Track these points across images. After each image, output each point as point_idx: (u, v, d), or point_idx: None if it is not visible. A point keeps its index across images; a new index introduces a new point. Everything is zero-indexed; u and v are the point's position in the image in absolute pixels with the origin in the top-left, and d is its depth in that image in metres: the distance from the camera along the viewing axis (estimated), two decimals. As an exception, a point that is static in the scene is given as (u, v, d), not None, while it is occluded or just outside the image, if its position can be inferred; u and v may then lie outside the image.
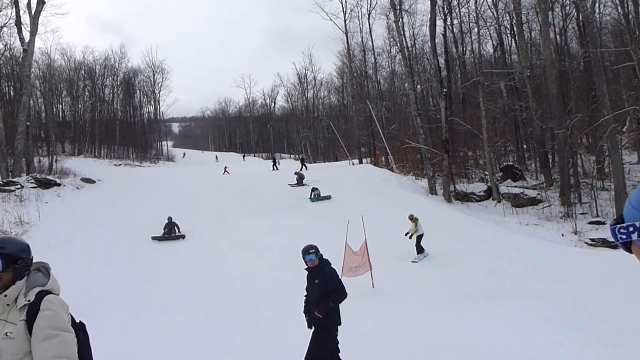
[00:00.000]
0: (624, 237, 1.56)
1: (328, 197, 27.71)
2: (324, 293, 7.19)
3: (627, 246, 1.58)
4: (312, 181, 31.57)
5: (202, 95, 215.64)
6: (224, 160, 74.70)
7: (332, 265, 7.61)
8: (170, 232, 22.68)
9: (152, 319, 13.07)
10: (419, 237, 19.49)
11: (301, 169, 40.03)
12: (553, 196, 29.39)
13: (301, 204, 26.95)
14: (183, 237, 22.55)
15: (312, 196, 27.81)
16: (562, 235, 24.50)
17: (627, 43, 29.61)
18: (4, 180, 29.16)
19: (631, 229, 1.52)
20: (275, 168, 47.33)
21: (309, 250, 7.46)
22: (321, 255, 7.53)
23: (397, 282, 16.43)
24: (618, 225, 1.57)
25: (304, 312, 7.72)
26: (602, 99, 26.90)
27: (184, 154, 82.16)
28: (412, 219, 19.87)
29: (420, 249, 19.39)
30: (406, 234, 19.59)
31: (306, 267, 7.58)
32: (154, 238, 22.29)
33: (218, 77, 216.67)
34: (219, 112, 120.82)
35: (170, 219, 23.04)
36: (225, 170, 48.65)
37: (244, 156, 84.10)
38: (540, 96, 35.30)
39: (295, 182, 32.46)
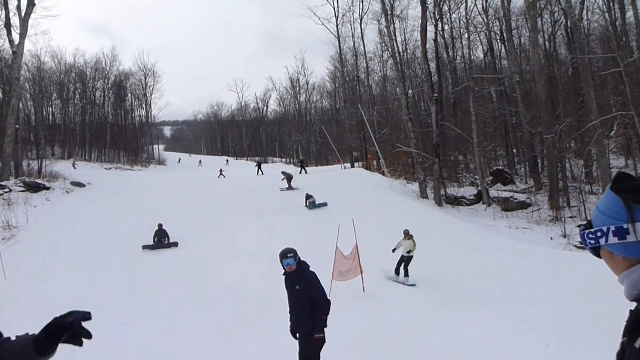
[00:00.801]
0: (592, 242, 1.61)
1: (324, 205, 27.03)
2: (306, 300, 6.94)
3: (596, 251, 1.63)
4: (303, 185, 31.58)
5: (194, 98, 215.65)
6: (209, 163, 74.51)
7: (311, 268, 7.21)
8: (161, 240, 22.16)
9: (140, 325, 13.06)
10: (409, 259, 17.43)
11: (300, 173, 39.89)
12: (542, 200, 29.67)
13: (292, 208, 26.86)
14: (175, 244, 22.07)
15: (307, 204, 27.05)
16: (551, 238, 24.80)
17: (614, 49, 29.95)
18: (-8, 184, 29.05)
19: (599, 234, 1.57)
20: (259, 173, 45.83)
21: (287, 254, 7.09)
22: (299, 258, 7.16)
23: (387, 285, 16.64)
24: (587, 231, 1.62)
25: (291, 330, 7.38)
26: (589, 104, 27.18)
27: (179, 159, 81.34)
28: (407, 235, 17.78)
29: (407, 272, 17.35)
30: (393, 250, 17.94)
31: (284, 272, 7.22)
32: (144, 247, 21.70)
33: (210, 81, 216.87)
34: (211, 116, 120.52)
35: (160, 226, 22.46)
36: (220, 174, 48.59)
37: (227, 160, 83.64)
38: (530, 101, 35.65)
39: (286, 186, 32.07)
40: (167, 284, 17.38)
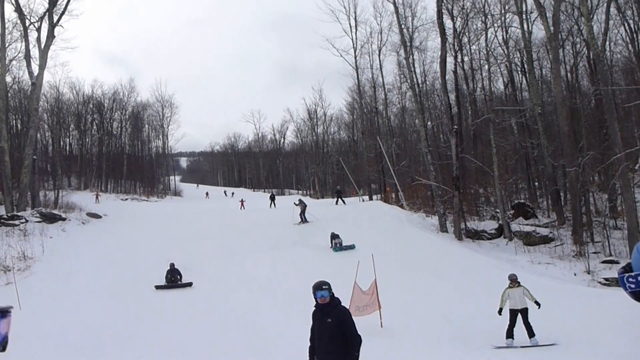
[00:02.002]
0: (632, 286, 1.50)
1: (352, 247, 24.94)
2: (338, 334, 6.71)
3: (637, 295, 1.53)
4: (322, 219, 31.18)
5: (211, 129, 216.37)
6: (216, 195, 74.39)
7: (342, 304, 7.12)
8: (173, 279, 21.29)
9: (156, 359, 12.77)
10: (525, 313, 13.97)
11: (337, 204, 39.15)
12: (565, 234, 28.96)
13: (306, 240, 26.58)
14: (190, 284, 21.08)
15: (334, 245, 25.38)
16: (575, 274, 24.03)
17: (638, 81, 29.52)
18: (9, 215, 29.08)
19: None
20: (272, 206, 44.93)
21: (322, 286, 6.91)
22: (332, 292, 6.98)
23: (406, 321, 16.06)
24: (627, 274, 1.52)
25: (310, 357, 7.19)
26: (613, 136, 26.62)
27: (207, 193, 79.99)
28: (515, 282, 14.50)
29: (530, 330, 13.68)
30: (500, 311, 14.33)
31: (316, 304, 7.00)
32: (157, 287, 20.87)
33: (227, 112, 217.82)
34: (228, 147, 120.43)
35: (172, 265, 21.64)
36: (241, 205, 47.82)
37: (225, 192, 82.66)
38: (552, 133, 35.10)
39: (299, 219, 31.48)
40: (181, 318, 17.04)
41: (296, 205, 32.50)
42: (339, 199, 40.05)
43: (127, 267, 22.52)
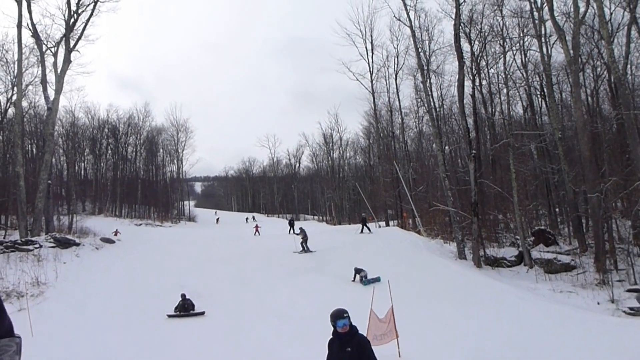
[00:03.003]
0: None
1: (377, 280, 22.94)
2: None
3: None
4: (338, 245, 30.76)
5: (225, 154, 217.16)
6: (233, 220, 73.92)
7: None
8: (186, 307, 20.69)
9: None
10: None
11: (362, 231, 37.83)
12: (587, 262, 28.27)
13: (323, 268, 26.20)
14: (202, 313, 20.51)
15: (360, 279, 23.96)
16: (598, 303, 23.34)
17: (661, 105, 28.99)
18: (23, 240, 28.97)
19: None
20: (292, 232, 43.02)
21: (343, 314, 6.68)
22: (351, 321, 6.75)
23: (424, 351, 15.54)
24: None
25: None
26: (636, 162, 26.15)
27: (217, 219, 78.32)
28: None
29: None
30: None
31: (334, 332, 6.78)
32: (170, 316, 20.35)
33: (242, 136, 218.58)
34: (242, 172, 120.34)
35: (184, 296, 20.94)
36: (256, 230, 47.15)
37: (246, 218, 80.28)
38: (573, 158, 34.52)
39: (300, 247, 30.79)
40: (194, 347, 16.68)
41: (297, 234, 32.16)
42: (364, 227, 38.01)
43: (141, 294, 22.25)
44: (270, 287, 23.12)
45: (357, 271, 24.40)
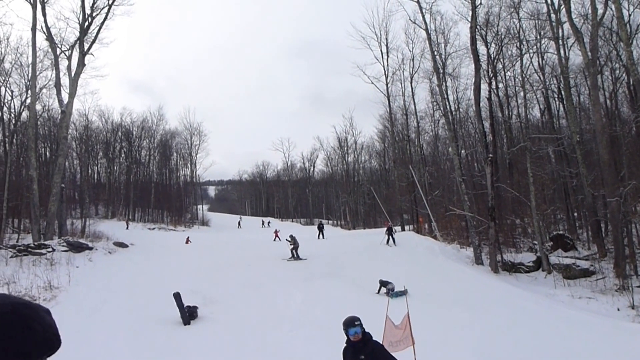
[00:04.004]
0: None
1: (404, 292, 20.75)
2: None
3: None
4: (350, 251, 30.43)
5: (239, 158, 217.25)
6: (250, 225, 73.58)
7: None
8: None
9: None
10: None
11: (388, 243, 33.95)
12: (607, 267, 27.84)
13: (338, 273, 25.95)
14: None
15: (386, 292, 21.89)
16: (618, 309, 22.94)
17: (681, 107, 28.49)
18: (36, 243, 28.88)
19: None
20: (321, 237, 42.39)
21: (354, 322, 6.56)
22: (364, 327, 6.64)
23: (441, 356, 15.18)
24: None
25: None
26: (657, 165, 25.68)
27: (239, 222, 77.79)
28: None
29: None
30: None
31: (347, 341, 6.67)
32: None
33: (255, 140, 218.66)
34: (256, 176, 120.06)
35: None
36: (276, 236, 45.61)
37: (262, 222, 79.85)
38: (591, 162, 34.04)
39: (290, 255, 29.97)
40: (208, 352, 16.35)
41: (288, 241, 31.19)
42: (390, 237, 33.92)
43: (154, 299, 21.93)
44: (283, 292, 22.85)
45: (383, 284, 22.72)
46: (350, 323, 6.58)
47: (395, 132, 53.88)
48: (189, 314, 19.91)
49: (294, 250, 30.20)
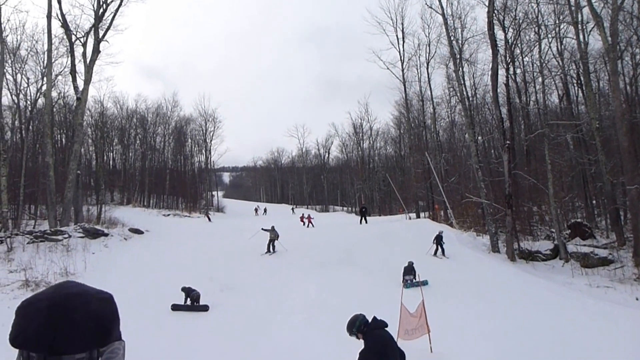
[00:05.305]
0: None
1: (425, 283, 20.41)
2: None
3: None
4: (367, 238, 30.22)
5: (252, 144, 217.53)
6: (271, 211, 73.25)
7: (377, 332, 6.54)
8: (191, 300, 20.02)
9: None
10: None
11: (436, 252, 28.40)
12: (626, 256, 27.46)
13: (352, 259, 25.83)
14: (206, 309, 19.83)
15: (404, 282, 21.47)
16: (637, 299, 22.62)
17: None
18: (52, 230, 29.09)
19: None
20: (363, 221, 41.60)
21: (351, 329, 6.72)
22: (363, 327, 6.62)
23: (457, 345, 15.10)
24: None
25: None
26: (679, 152, 25.25)
27: (265, 209, 77.26)
28: None
29: None
30: None
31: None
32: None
33: (270, 127, 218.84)
34: (271, 162, 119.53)
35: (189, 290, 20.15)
36: (309, 222, 43.95)
37: (265, 210, 78.19)
38: (611, 149, 33.49)
39: (266, 249, 28.21)
40: (221, 339, 16.37)
41: (265, 230, 29.30)
42: (440, 247, 28.14)
43: (169, 286, 21.92)
44: (297, 280, 22.80)
45: (407, 272, 22.29)
46: (347, 329, 6.73)
47: (411, 118, 53.47)
48: (192, 301, 19.97)
49: (271, 244, 28.35)
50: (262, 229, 29.95)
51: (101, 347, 1.51)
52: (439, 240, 28.24)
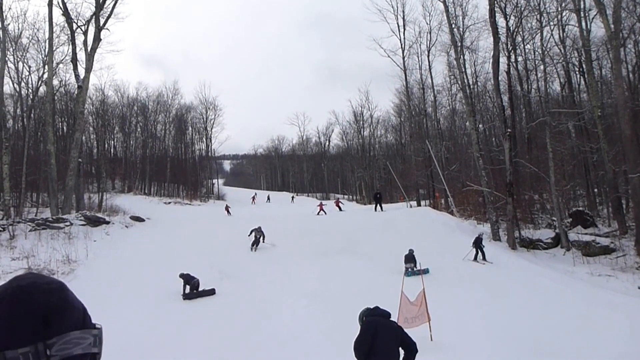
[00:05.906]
0: None
1: (426, 271, 19.91)
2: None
3: None
4: (366, 226, 30.24)
5: (254, 132, 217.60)
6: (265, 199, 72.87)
7: (368, 319, 6.93)
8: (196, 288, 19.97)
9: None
10: None
11: (476, 257, 25.45)
12: (628, 245, 27.46)
13: (353, 248, 25.87)
14: (212, 292, 19.98)
15: (405, 270, 20.94)
16: (639, 287, 22.63)
17: None
18: (54, 217, 29.19)
19: None
20: (378, 209, 40.02)
21: (360, 319, 7.08)
22: (364, 316, 7.02)
23: (457, 334, 15.08)
24: None
25: None
26: (681, 140, 25.19)
27: (268, 197, 76.31)
28: None
29: None
30: None
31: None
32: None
33: (270, 114, 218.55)
34: (271, 150, 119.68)
35: (188, 276, 20.08)
36: (320, 209, 42.34)
37: (292, 197, 78.66)
38: (613, 137, 33.37)
39: (251, 247, 26.95)
40: (222, 326, 16.39)
41: (254, 230, 27.71)
42: (480, 251, 25.25)
43: (170, 272, 21.95)
44: (298, 267, 22.83)
45: (407, 260, 22.12)
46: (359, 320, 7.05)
47: (412, 106, 53.28)
48: (192, 289, 19.98)
49: (253, 244, 27.10)
50: (259, 229, 27.86)
51: (47, 340, 1.40)
52: (478, 243, 25.51)
